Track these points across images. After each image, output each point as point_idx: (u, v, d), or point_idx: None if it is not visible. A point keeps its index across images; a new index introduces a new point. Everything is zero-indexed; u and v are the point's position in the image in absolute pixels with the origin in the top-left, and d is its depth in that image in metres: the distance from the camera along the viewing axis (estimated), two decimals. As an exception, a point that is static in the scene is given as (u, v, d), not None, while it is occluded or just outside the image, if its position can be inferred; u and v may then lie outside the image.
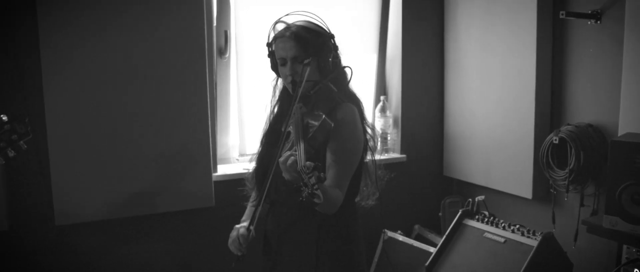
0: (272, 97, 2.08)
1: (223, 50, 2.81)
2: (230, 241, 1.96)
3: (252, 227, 1.92)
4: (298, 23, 1.91)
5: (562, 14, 2.46)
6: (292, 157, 1.59)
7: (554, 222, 2.67)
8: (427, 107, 3.24)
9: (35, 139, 2.35)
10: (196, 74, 2.58)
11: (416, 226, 3.22)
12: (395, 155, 3.20)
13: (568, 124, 2.60)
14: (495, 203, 3.07)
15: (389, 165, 3.16)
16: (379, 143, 2.03)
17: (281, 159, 1.62)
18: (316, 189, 1.50)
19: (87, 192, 2.46)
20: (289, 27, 1.89)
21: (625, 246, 2.04)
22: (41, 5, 2.29)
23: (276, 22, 1.94)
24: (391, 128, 3.21)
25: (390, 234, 3.06)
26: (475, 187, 3.13)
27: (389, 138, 3.20)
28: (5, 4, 2.31)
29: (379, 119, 3.18)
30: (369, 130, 1.98)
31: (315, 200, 1.51)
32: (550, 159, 2.60)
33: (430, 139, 3.28)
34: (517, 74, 2.78)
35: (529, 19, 2.68)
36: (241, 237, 1.92)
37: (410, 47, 3.14)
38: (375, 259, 3.07)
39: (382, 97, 3.17)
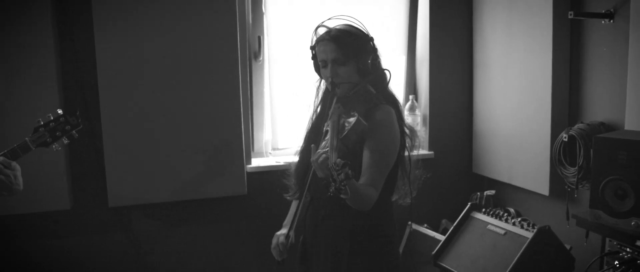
0: (315, 97, 2.17)
1: (257, 55, 3.10)
2: (272, 247, 2.13)
3: (291, 234, 2.08)
4: (338, 27, 2.02)
5: (571, 15, 2.52)
6: (324, 155, 1.72)
7: (568, 218, 2.71)
8: (455, 105, 3.36)
9: (92, 127, 2.79)
10: (230, 77, 2.87)
11: (443, 221, 3.34)
12: (423, 152, 3.34)
13: (581, 122, 2.65)
14: (517, 200, 3.15)
15: (416, 161, 3.33)
16: (418, 143, 2.12)
17: (314, 158, 1.75)
18: (344, 185, 1.61)
19: (136, 178, 2.83)
20: (329, 31, 2.00)
21: (607, 239, 2.09)
22: (96, 10, 2.68)
23: (318, 26, 2.05)
24: (420, 126, 3.36)
25: (415, 226, 3.22)
26: (500, 184, 3.21)
27: (417, 135, 3.35)
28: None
29: (407, 117, 3.34)
30: (407, 131, 2.08)
31: (342, 195, 1.64)
32: (562, 157, 2.65)
33: (458, 137, 3.39)
34: (535, 74, 2.85)
35: (545, 20, 2.74)
36: (281, 245, 2.08)
37: (438, 49, 3.28)
38: (400, 250, 3.24)
39: (410, 97, 3.34)
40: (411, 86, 3.43)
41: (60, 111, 2.08)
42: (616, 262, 1.98)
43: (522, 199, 3.10)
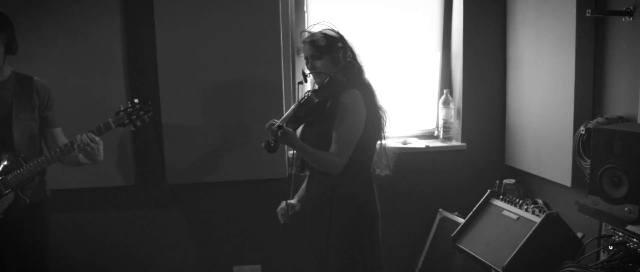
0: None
1: (299, 51, 3.40)
2: (277, 209, 2.60)
3: (289, 201, 2.59)
4: (314, 31, 2.51)
5: (588, 12, 2.63)
6: (271, 122, 2.23)
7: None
8: (487, 99, 3.50)
9: (154, 111, 3.16)
10: (274, 70, 3.18)
11: (474, 209, 3.50)
12: (456, 143, 3.53)
13: (600, 117, 2.75)
14: (544, 191, 3.27)
15: (450, 152, 3.53)
16: (386, 123, 2.52)
17: (266, 125, 2.24)
18: (274, 141, 2.16)
19: (189, 158, 3.21)
20: (309, 35, 2.50)
21: (603, 224, 2.22)
22: (158, 9, 3.08)
23: (301, 32, 2.59)
24: (453, 118, 3.54)
25: (444, 213, 3.41)
26: (531, 176, 3.33)
27: (451, 128, 3.54)
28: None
29: (441, 109, 3.53)
30: (380, 112, 2.49)
31: (271, 146, 2.16)
32: (580, 149, 2.76)
33: (490, 130, 3.53)
34: (559, 70, 2.96)
35: (569, 18, 2.85)
36: (281, 210, 2.58)
37: (472, 45, 3.44)
38: (431, 235, 3.44)
39: (445, 91, 3.52)
40: (446, 81, 3.61)
41: (136, 100, 2.50)
42: (610, 246, 2.11)
43: (548, 191, 3.22)
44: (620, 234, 2.09)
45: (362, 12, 3.45)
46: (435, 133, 3.65)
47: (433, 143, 3.53)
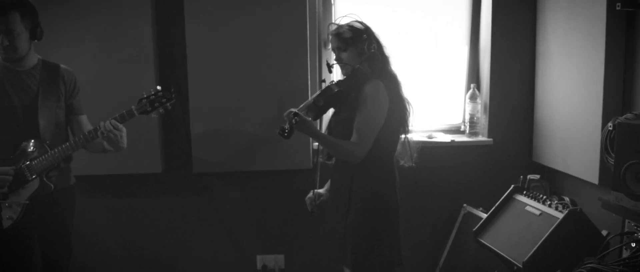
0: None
1: (326, 43, 3.42)
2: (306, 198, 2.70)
3: (316, 190, 2.66)
4: (340, 23, 2.54)
5: (618, 6, 2.57)
6: (289, 110, 2.29)
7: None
8: (516, 94, 3.45)
9: (182, 102, 3.26)
10: (300, 61, 3.21)
11: (499, 205, 3.46)
12: (482, 138, 3.49)
13: (630, 113, 2.68)
14: (572, 188, 3.21)
15: (476, 147, 3.50)
16: (411, 115, 2.53)
17: (284, 113, 2.31)
18: (288, 128, 2.23)
19: (216, 148, 3.27)
20: (334, 27, 2.54)
21: (627, 221, 2.17)
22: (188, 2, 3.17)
23: (329, 24, 2.64)
24: (480, 113, 3.51)
25: (469, 208, 3.38)
26: (559, 173, 3.28)
27: (477, 122, 3.51)
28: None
29: (468, 104, 3.50)
30: (404, 104, 2.50)
31: (285, 134, 2.23)
32: (608, 146, 2.71)
33: (518, 125, 3.48)
34: (589, 65, 2.90)
35: (599, 11, 2.79)
36: (308, 199, 2.67)
37: (500, 39, 3.39)
38: (454, 230, 3.42)
39: (472, 85, 3.49)
40: (473, 75, 3.57)
41: (159, 87, 2.56)
42: (632, 243, 2.07)
43: (575, 188, 3.16)
44: (642, 230, 2.05)
45: (390, 5, 3.45)
46: (462, 128, 3.62)
47: (459, 138, 3.50)
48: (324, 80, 2.55)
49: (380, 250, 2.44)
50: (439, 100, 3.62)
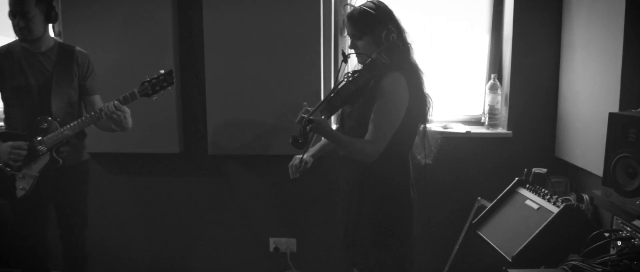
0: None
1: (342, 31, 3.42)
2: (289, 164, 2.50)
3: (306, 158, 2.51)
4: (355, 6, 2.28)
5: (636, -6, 2.42)
6: (301, 115, 2.15)
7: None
8: (538, 86, 3.30)
9: (199, 85, 3.36)
10: (313, 49, 3.24)
11: (516, 200, 3.34)
12: (501, 130, 3.38)
13: (645, 106, 2.52)
14: (593, 187, 3.04)
15: (494, 139, 3.40)
16: (431, 109, 2.32)
17: (297, 119, 2.16)
18: (300, 136, 2.05)
19: (230, 131, 3.36)
20: (348, 11, 2.29)
21: (615, 218, 2.05)
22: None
23: (344, 5, 2.43)
24: (500, 104, 3.40)
25: (482, 201, 3.29)
26: (580, 170, 3.12)
27: (497, 114, 3.40)
28: None
29: (488, 95, 3.40)
30: (424, 98, 2.28)
31: (299, 143, 2.05)
32: (620, 140, 2.56)
33: (540, 119, 3.33)
34: (608, 58, 2.74)
35: (618, 6, 2.64)
36: (293, 167, 2.48)
37: (524, 28, 3.25)
38: (467, 224, 3.34)
39: (492, 75, 3.38)
40: (495, 65, 3.46)
41: (162, 71, 2.66)
42: (619, 242, 1.96)
43: (598, 187, 2.99)
44: (628, 229, 1.93)
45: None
46: (482, 119, 3.52)
47: (475, 129, 3.40)
48: (344, 60, 2.27)
49: (392, 246, 2.31)
50: (458, 90, 3.54)
